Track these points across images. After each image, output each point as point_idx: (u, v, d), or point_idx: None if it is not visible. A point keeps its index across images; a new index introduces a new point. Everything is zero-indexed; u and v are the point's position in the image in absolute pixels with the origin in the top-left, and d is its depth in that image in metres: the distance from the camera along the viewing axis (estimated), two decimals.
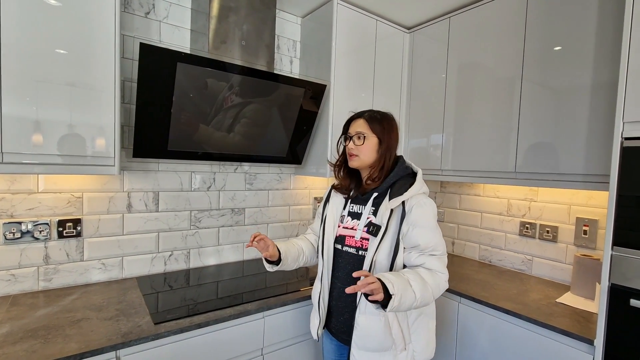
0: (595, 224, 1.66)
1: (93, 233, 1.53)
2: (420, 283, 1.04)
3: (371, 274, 1.00)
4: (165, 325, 1.17)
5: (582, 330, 1.26)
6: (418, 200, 1.12)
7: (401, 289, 0.98)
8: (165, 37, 1.65)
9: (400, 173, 1.18)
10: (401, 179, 1.17)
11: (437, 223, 1.16)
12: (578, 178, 1.45)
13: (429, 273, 1.09)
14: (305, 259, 1.34)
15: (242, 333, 1.33)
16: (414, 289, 1.01)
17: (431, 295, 1.07)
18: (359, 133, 1.19)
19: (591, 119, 1.41)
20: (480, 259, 2.16)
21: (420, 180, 1.17)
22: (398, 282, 0.99)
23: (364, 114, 1.23)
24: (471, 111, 1.87)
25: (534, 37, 1.60)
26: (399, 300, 0.97)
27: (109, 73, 1.26)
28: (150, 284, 1.57)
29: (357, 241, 1.18)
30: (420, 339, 1.17)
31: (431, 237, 1.11)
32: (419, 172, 1.20)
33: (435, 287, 1.08)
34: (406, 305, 1.00)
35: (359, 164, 1.20)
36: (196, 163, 1.79)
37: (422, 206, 1.12)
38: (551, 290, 1.67)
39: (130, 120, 1.57)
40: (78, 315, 1.22)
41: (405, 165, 1.21)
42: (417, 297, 1.02)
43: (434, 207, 1.15)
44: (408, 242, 1.12)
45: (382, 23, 2.06)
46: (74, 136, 1.22)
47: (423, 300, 1.04)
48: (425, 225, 1.11)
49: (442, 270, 1.12)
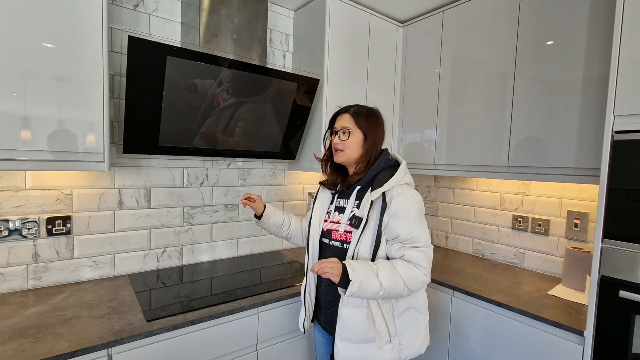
0: (586, 217, 1.68)
1: (83, 230, 1.51)
2: (389, 273, 1.03)
3: (336, 261, 1.03)
4: (158, 323, 1.16)
5: (573, 322, 1.28)
6: (399, 191, 1.11)
7: (362, 276, 1.00)
8: (154, 30, 1.62)
9: (382, 165, 1.18)
10: (384, 171, 1.16)
11: (423, 215, 1.14)
12: (569, 172, 1.47)
13: (405, 265, 1.07)
14: (289, 232, 1.42)
15: (236, 329, 1.33)
16: (380, 279, 1.02)
17: (403, 287, 1.05)
18: (345, 128, 1.18)
19: (582, 113, 1.42)
20: (474, 253, 2.18)
21: (402, 171, 1.15)
22: (361, 269, 1.02)
23: (350, 109, 1.21)
24: (464, 106, 1.87)
25: (527, 32, 1.60)
26: (359, 286, 1.00)
27: (97, 67, 1.23)
28: (143, 281, 1.55)
29: (342, 234, 1.18)
30: (407, 333, 1.16)
31: (411, 228, 1.08)
32: (403, 163, 1.19)
33: (410, 280, 1.05)
34: (369, 292, 1.02)
35: (344, 159, 1.20)
36: (188, 159, 1.76)
37: (403, 197, 1.10)
38: (543, 282, 1.69)
39: (120, 115, 1.54)
40: (69, 314, 1.20)
41: (389, 157, 1.21)
42: (384, 286, 1.02)
43: (417, 198, 1.13)
44: (389, 233, 1.10)
45: (375, 17, 2.05)
46: (62, 132, 1.19)
47: (392, 291, 1.04)
48: (405, 216, 1.08)
49: (421, 263, 1.08)
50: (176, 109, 1.45)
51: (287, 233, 1.42)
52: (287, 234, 1.42)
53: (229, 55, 1.51)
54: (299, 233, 1.43)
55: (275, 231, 1.42)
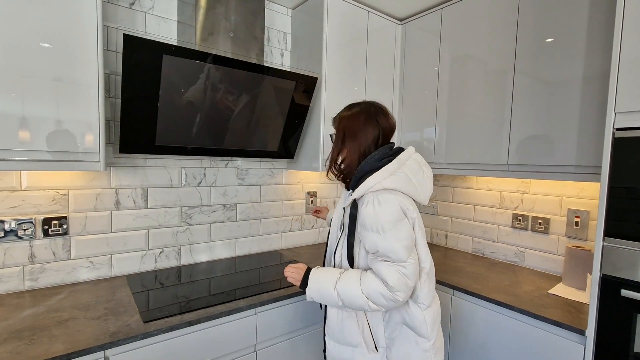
0: (587, 215, 1.67)
1: (80, 231, 1.50)
2: (350, 286, 1.00)
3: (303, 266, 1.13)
4: (154, 324, 1.15)
5: (574, 321, 1.26)
6: (370, 199, 1.00)
7: (319, 284, 1.05)
8: (151, 28, 1.60)
9: (367, 167, 1.05)
10: (367, 174, 1.03)
11: (401, 225, 0.99)
12: (570, 170, 1.45)
13: (371, 279, 0.99)
14: None
15: (234, 330, 1.32)
16: (338, 289, 1.02)
17: (365, 301, 0.99)
18: (332, 135, 1.19)
19: (582, 111, 1.41)
20: (474, 252, 2.16)
21: (380, 174, 1.01)
22: (322, 276, 1.07)
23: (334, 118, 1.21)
24: (464, 104, 1.86)
25: (526, 29, 1.59)
26: (315, 292, 1.06)
27: (92, 66, 1.22)
28: (141, 281, 1.54)
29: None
30: (396, 349, 1.09)
31: (377, 241, 0.98)
32: (392, 163, 1.04)
33: (374, 294, 0.98)
34: (329, 300, 1.04)
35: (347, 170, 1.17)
36: (186, 158, 1.75)
37: (372, 205, 0.98)
38: (543, 281, 1.68)
39: (116, 115, 1.52)
40: (65, 315, 1.19)
41: (379, 157, 1.06)
42: (341, 297, 1.02)
43: (390, 205, 0.98)
44: (362, 243, 1.04)
45: (374, 14, 2.03)
46: (58, 132, 1.18)
47: (352, 303, 1.01)
48: (371, 227, 0.98)
49: (388, 280, 0.96)
50: (173, 108, 1.43)
51: None
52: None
53: (226, 54, 1.50)
54: None
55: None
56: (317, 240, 2.31)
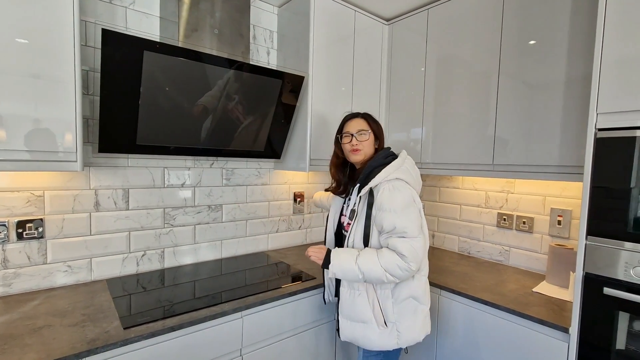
0: (569, 214, 1.70)
1: (57, 234, 1.43)
2: (368, 260, 1.15)
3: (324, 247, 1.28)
4: (135, 330, 1.11)
5: (557, 319, 1.28)
6: (385, 186, 1.19)
7: (341, 261, 1.19)
8: (132, 24, 1.55)
9: (375, 163, 1.27)
10: (377, 168, 1.24)
11: (412, 207, 1.19)
12: (553, 170, 1.48)
13: (387, 253, 1.15)
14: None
15: (219, 334, 1.28)
16: (359, 264, 1.16)
17: (382, 273, 1.14)
18: (362, 130, 1.32)
19: (565, 112, 1.43)
20: (460, 251, 2.18)
21: (392, 166, 1.22)
22: (343, 255, 1.20)
23: (359, 115, 1.37)
24: (450, 104, 1.87)
25: (511, 31, 1.60)
26: (338, 268, 1.19)
27: (68, 62, 1.16)
28: (122, 285, 1.49)
29: (347, 225, 1.34)
30: (405, 321, 1.24)
31: (394, 219, 1.15)
32: (398, 159, 1.26)
33: (390, 267, 1.13)
34: (350, 275, 1.18)
35: (362, 158, 1.32)
36: (169, 158, 1.70)
37: (388, 191, 1.18)
38: (527, 279, 1.71)
39: (96, 113, 1.47)
40: (39, 323, 1.13)
41: (385, 155, 1.29)
42: (362, 270, 1.15)
43: (403, 191, 1.19)
44: (377, 225, 1.20)
45: (360, 14, 2.02)
46: (33, 130, 1.12)
47: (371, 275, 1.15)
48: (388, 208, 1.16)
49: (403, 252, 1.13)
50: (155, 107, 1.39)
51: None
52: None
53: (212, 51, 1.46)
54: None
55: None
56: (305, 241, 2.29)
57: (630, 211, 1.07)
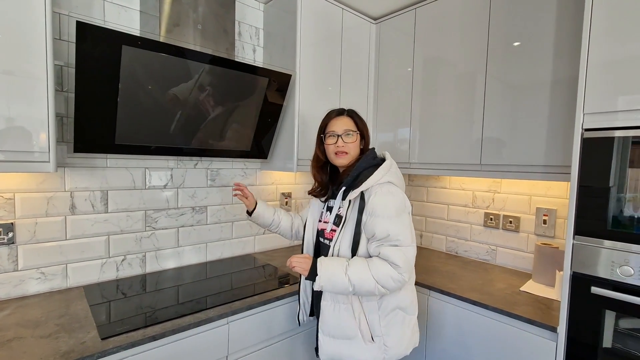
0: (554, 213, 1.72)
1: (29, 239, 1.35)
2: (359, 270, 1.06)
3: (309, 256, 1.14)
4: (113, 340, 1.05)
5: (545, 318, 1.29)
6: (377, 189, 1.11)
7: (330, 272, 1.07)
8: (110, 17, 1.47)
9: (363, 165, 1.17)
10: (366, 170, 1.16)
11: (405, 214, 1.13)
12: (539, 169, 1.49)
13: (379, 263, 1.07)
14: (279, 230, 1.46)
15: (203, 342, 1.23)
16: (349, 275, 1.05)
17: (374, 285, 1.05)
18: (349, 130, 1.21)
19: (551, 113, 1.44)
20: (447, 251, 2.19)
21: (383, 169, 1.15)
22: (331, 265, 1.08)
23: (345, 112, 1.26)
24: (438, 104, 1.87)
25: (497, 32, 1.61)
26: (327, 280, 1.06)
27: (40, 56, 1.09)
28: (100, 292, 1.42)
29: (329, 233, 1.22)
30: (393, 334, 1.16)
31: (388, 226, 1.07)
32: (387, 161, 1.18)
33: (382, 278, 1.05)
34: (339, 287, 1.07)
35: (349, 161, 1.21)
36: (150, 158, 1.63)
37: (380, 195, 1.10)
38: (514, 279, 1.72)
39: (70, 110, 1.39)
40: (9, 335, 1.06)
41: (373, 156, 1.21)
42: (352, 282, 1.05)
43: (396, 196, 1.12)
44: (367, 231, 1.11)
45: (348, 12, 2.00)
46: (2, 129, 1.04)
47: (362, 287, 1.06)
48: (381, 214, 1.08)
49: (396, 262, 1.05)
50: (135, 104, 1.32)
51: (277, 231, 1.47)
52: (276, 231, 1.47)
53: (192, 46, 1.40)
54: (288, 231, 1.47)
55: (266, 226, 1.45)
56: (292, 242, 2.25)
57: (615, 210, 1.08)
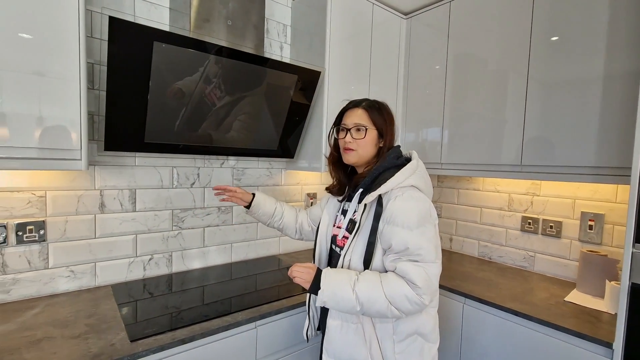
0: (601, 218, 1.60)
1: (59, 237, 1.35)
2: (369, 287, 0.91)
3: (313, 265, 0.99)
4: (143, 343, 1.02)
5: (597, 332, 1.18)
6: (398, 194, 0.96)
7: (335, 286, 0.92)
8: (140, 14, 1.46)
9: (386, 164, 1.03)
10: (387, 171, 1.01)
11: (429, 224, 0.96)
12: (588, 171, 1.38)
13: (394, 280, 0.91)
14: (282, 224, 1.33)
15: (231, 346, 1.19)
16: (357, 291, 0.91)
17: (387, 306, 0.90)
18: (358, 125, 1.06)
19: (603, 110, 1.33)
20: (480, 256, 2.08)
21: (406, 171, 0.99)
22: (336, 277, 0.94)
23: (362, 103, 1.10)
24: (472, 103, 1.77)
25: (542, 25, 1.50)
26: (330, 296, 0.92)
27: (73, 55, 1.08)
28: (128, 291, 1.41)
29: (340, 240, 1.09)
30: None
31: (407, 238, 0.92)
32: (412, 162, 1.03)
33: (397, 299, 0.90)
34: (345, 305, 0.92)
35: (357, 160, 1.08)
36: (177, 157, 1.62)
37: (401, 200, 0.95)
38: (556, 288, 1.60)
39: (101, 109, 1.38)
40: (39, 334, 1.05)
41: (396, 155, 1.06)
42: (360, 301, 0.91)
43: (420, 204, 0.96)
44: (384, 242, 0.96)
45: (378, 7, 1.93)
46: (30, 127, 1.03)
47: (371, 307, 0.91)
48: (400, 223, 0.93)
49: (415, 281, 0.89)
50: (164, 102, 1.30)
51: (280, 224, 1.33)
52: (279, 225, 1.33)
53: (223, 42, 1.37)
54: (292, 225, 1.33)
55: (266, 221, 1.33)
56: None
57: None
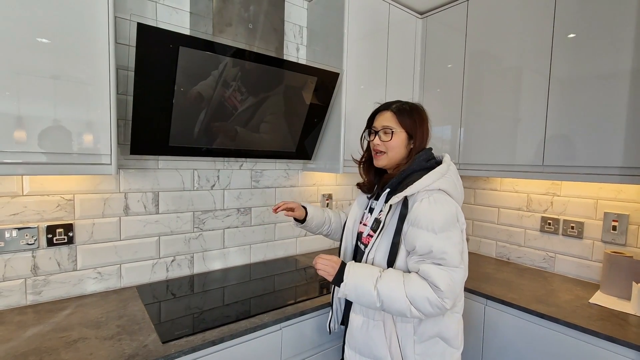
0: (626, 219, 1.57)
1: (87, 239, 1.38)
2: (391, 286, 0.92)
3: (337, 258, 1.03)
4: (175, 345, 1.04)
5: (627, 335, 1.17)
6: (424, 196, 0.97)
7: (357, 280, 0.96)
8: (162, 19, 1.48)
9: (415, 167, 1.04)
10: (415, 173, 1.02)
11: (455, 228, 0.96)
12: (614, 171, 1.36)
13: (417, 282, 0.92)
14: (330, 230, 1.36)
15: (257, 347, 1.21)
16: (379, 288, 0.93)
17: (407, 306, 0.91)
18: (386, 127, 1.08)
19: (631, 107, 1.31)
20: (498, 256, 2.07)
21: (435, 174, 0.99)
22: (360, 272, 0.97)
23: (392, 106, 1.11)
24: (490, 102, 1.76)
25: (565, 20, 1.48)
26: (352, 289, 0.96)
27: (102, 60, 1.10)
28: (152, 292, 1.43)
29: (365, 238, 1.13)
30: None
31: (431, 241, 0.92)
32: (442, 165, 1.03)
33: (418, 300, 0.91)
34: (365, 300, 0.96)
35: (386, 162, 1.10)
36: (198, 160, 1.64)
37: (427, 203, 0.95)
38: (579, 289, 1.59)
39: (127, 113, 1.41)
40: (74, 335, 1.07)
41: (427, 157, 1.07)
42: (381, 298, 0.93)
43: (446, 206, 0.96)
44: (407, 243, 0.98)
45: (394, 7, 1.92)
46: (63, 133, 1.06)
47: (391, 306, 0.93)
48: (425, 225, 0.93)
49: (437, 284, 0.90)
50: (188, 106, 1.32)
51: (328, 231, 1.36)
52: (327, 231, 1.36)
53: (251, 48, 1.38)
54: (339, 229, 1.36)
55: (316, 231, 1.35)
56: (333, 244, 2.20)
57: None
